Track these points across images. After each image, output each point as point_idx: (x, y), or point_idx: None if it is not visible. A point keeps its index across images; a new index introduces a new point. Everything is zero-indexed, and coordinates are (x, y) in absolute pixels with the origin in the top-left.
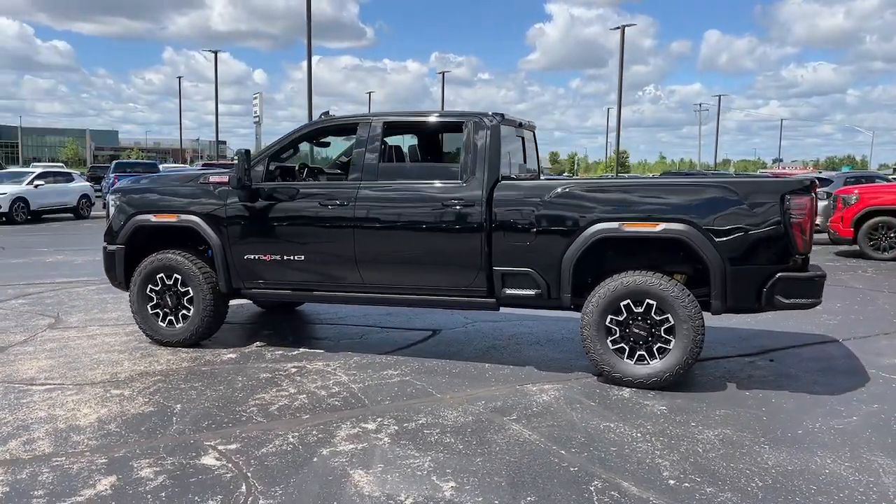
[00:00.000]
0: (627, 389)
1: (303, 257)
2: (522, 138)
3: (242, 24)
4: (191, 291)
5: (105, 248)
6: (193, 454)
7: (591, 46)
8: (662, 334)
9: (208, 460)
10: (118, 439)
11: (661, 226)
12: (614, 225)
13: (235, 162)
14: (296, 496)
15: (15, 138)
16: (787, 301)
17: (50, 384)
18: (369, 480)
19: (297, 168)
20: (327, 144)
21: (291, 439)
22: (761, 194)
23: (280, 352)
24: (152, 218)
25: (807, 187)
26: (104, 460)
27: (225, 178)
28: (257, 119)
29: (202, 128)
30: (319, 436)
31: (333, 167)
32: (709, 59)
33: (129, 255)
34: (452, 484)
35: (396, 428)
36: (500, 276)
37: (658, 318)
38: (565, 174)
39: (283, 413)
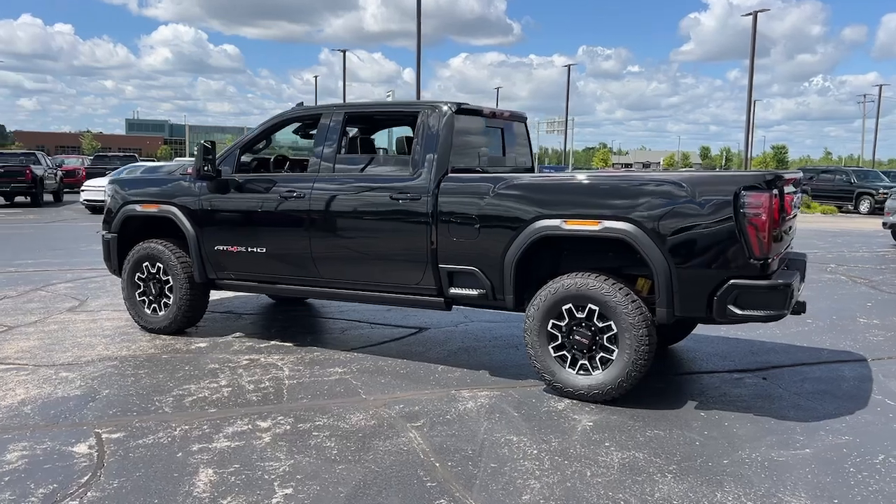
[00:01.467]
0: (566, 401)
1: (264, 249)
2: (501, 129)
3: (393, 24)
4: (171, 280)
5: (102, 236)
6: (73, 441)
7: (749, 36)
8: (605, 343)
9: (81, 448)
10: (19, 421)
11: (603, 224)
12: (556, 222)
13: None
14: (124, 491)
15: (184, 135)
16: (739, 312)
17: (13, 364)
18: (211, 481)
19: (272, 160)
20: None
21: (176, 432)
22: (712, 191)
23: (250, 343)
24: (138, 208)
25: (769, 182)
26: None
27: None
28: None
29: None
30: (206, 431)
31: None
32: (887, 45)
33: (122, 244)
34: (288, 492)
35: (288, 428)
36: (447, 273)
37: (601, 325)
38: (717, 169)
39: (194, 405)
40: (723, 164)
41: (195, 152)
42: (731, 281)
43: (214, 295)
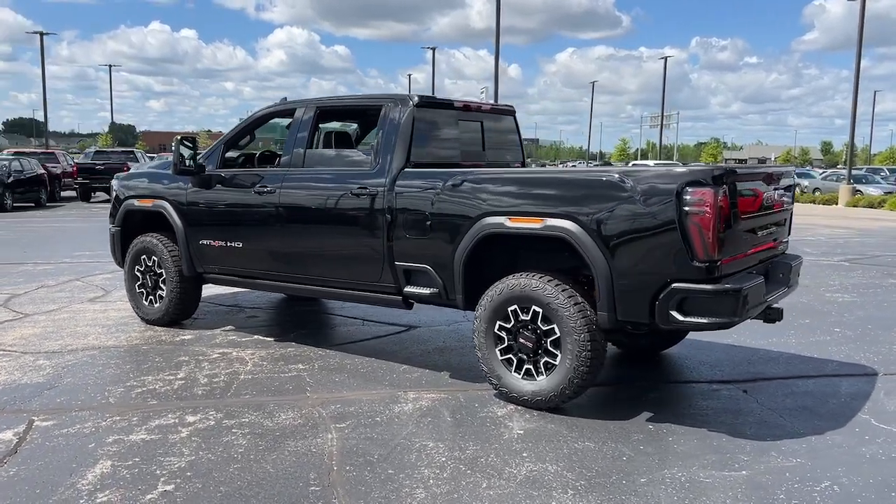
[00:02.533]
0: (510, 407)
1: (241, 244)
2: (481, 123)
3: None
4: (164, 273)
5: (109, 229)
6: (4, 427)
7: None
8: (549, 347)
9: (6, 435)
10: None
11: (546, 222)
12: (500, 220)
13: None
14: (17, 479)
15: None
16: (681, 318)
17: (3, 351)
18: (102, 474)
19: (257, 155)
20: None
21: (104, 423)
22: (654, 187)
23: (233, 337)
24: (136, 202)
25: (716, 178)
26: None
27: None
28: None
29: None
30: (132, 423)
31: None
32: None
33: (126, 237)
34: (168, 489)
35: (212, 423)
36: (403, 271)
37: (545, 328)
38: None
39: (139, 397)
40: (845, 160)
41: (172, 147)
42: (673, 284)
43: (227, 289)
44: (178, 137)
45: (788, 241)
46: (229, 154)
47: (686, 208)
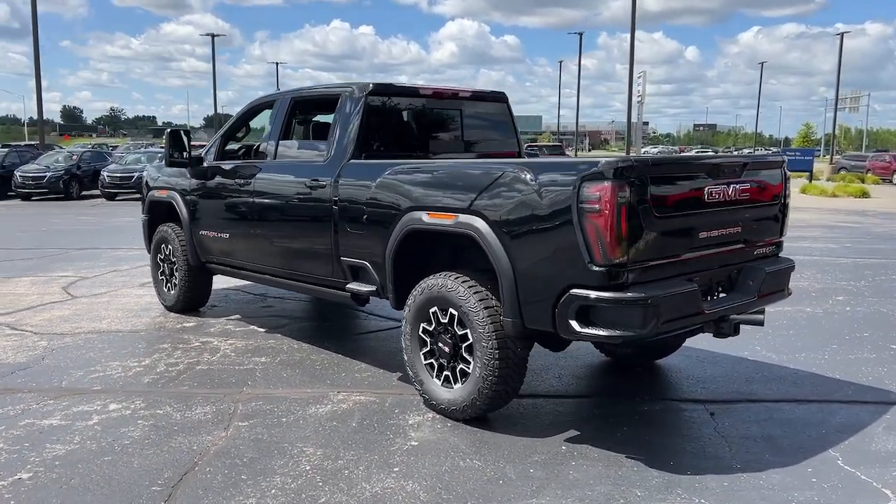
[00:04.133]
0: (430, 415)
1: (227, 235)
2: (460, 111)
3: (675, 2)
4: (176, 262)
5: (142, 219)
6: None
7: None
8: (464, 354)
9: None
10: None
11: (458, 218)
12: (420, 215)
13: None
14: None
15: None
16: (579, 329)
17: (22, 330)
18: None
19: (255, 147)
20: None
21: (33, 406)
22: (554, 180)
23: (230, 326)
24: (156, 193)
25: (619, 171)
26: None
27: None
28: (640, 98)
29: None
30: (58, 407)
31: None
32: None
33: (152, 226)
34: (24, 477)
35: (126, 413)
36: (347, 266)
37: (460, 332)
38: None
39: (93, 382)
40: None
41: (164, 140)
42: (571, 291)
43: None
44: (169, 130)
45: (781, 242)
46: (231, 146)
47: (582, 205)
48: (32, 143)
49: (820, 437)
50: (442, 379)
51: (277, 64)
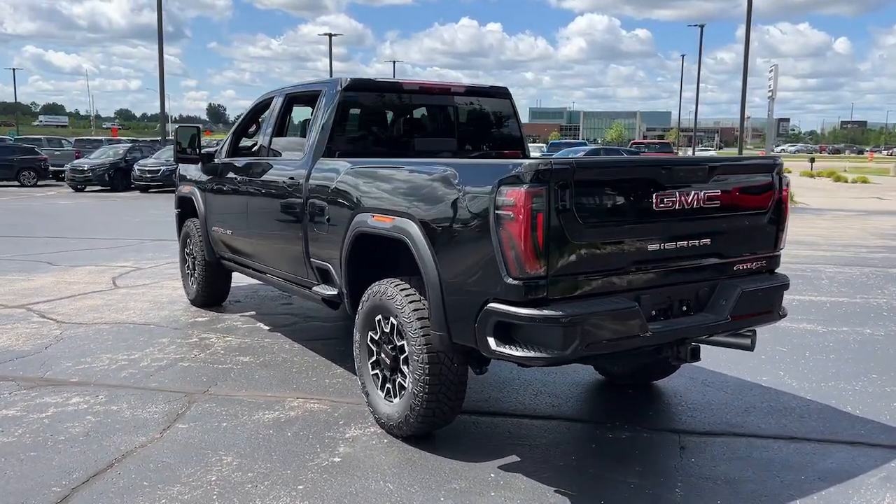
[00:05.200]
0: (373, 430)
1: (230, 231)
2: (454, 108)
3: None
4: (196, 257)
5: (175, 213)
6: None
7: None
8: (402, 366)
9: None
10: None
11: (395, 221)
12: (366, 217)
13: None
14: None
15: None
16: (495, 348)
17: (48, 318)
18: None
19: (255, 144)
20: None
21: (3, 395)
22: (477, 183)
23: (238, 323)
24: (183, 189)
25: (540, 175)
26: None
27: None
28: (771, 94)
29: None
30: (23, 398)
31: None
32: None
33: (182, 221)
34: None
35: (83, 407)
36: (315, 268)
37: (399, 343)
38: None
39: (74, 373)
40: None
41: (172, 136)
42: (489, 305)
43: None
44: (177, 126)
45: (775, 257)
46: (244, 143)
47: (498, 212)
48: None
49: (794, 485)
50: (385, 392)
51: (394, 63)
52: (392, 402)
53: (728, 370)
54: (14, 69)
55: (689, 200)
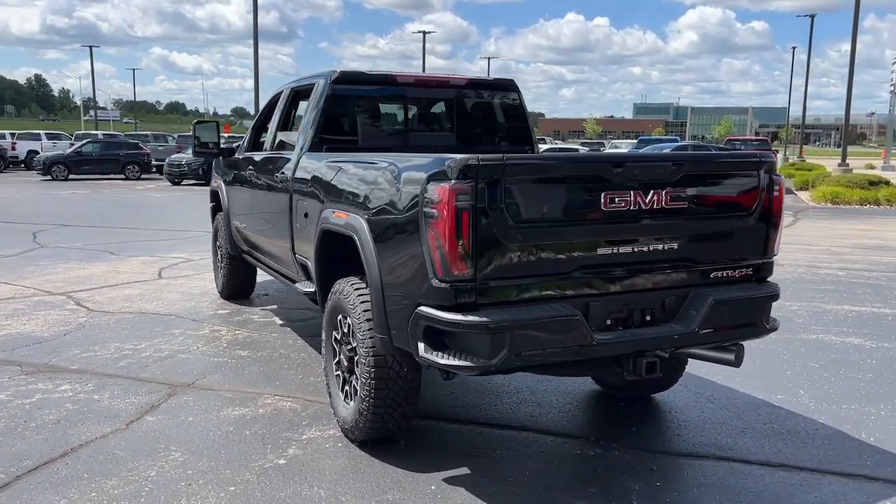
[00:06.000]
0: (332, 433)
1: (245, 225)
2: (452, 101)
3: None
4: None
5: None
6: None
7: None
8: (355, 368)
9: None
10: None
11: (348, 217)
12: (329, 213)
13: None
14: None
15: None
16: (423, 354)
17: (85, 306)
18: None
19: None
20: None
21: (1, 380)
22: (409, 178)
23: (257, 317)
24: (213, 183)
25: (466, 171)
26: None
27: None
28: (893, 88)
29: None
30: (19, 384)
31: None
32: None
33: (214, 214)
34: None
35: (67, 395)
36: (300, 263)
37: (353, 344)
38: None
39: (78, 361)
40: None
41: (192, 130)
42: (418, 308)
43: None
44: (196, 121)
45: (765, 264)
46: (263, 138)
47: (426, 209)
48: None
49: None
50: (344, 394)
51: (489, 59)
52: (349, 405)
53: (741, 385)
54: (133, 69)
55: (648, 201)
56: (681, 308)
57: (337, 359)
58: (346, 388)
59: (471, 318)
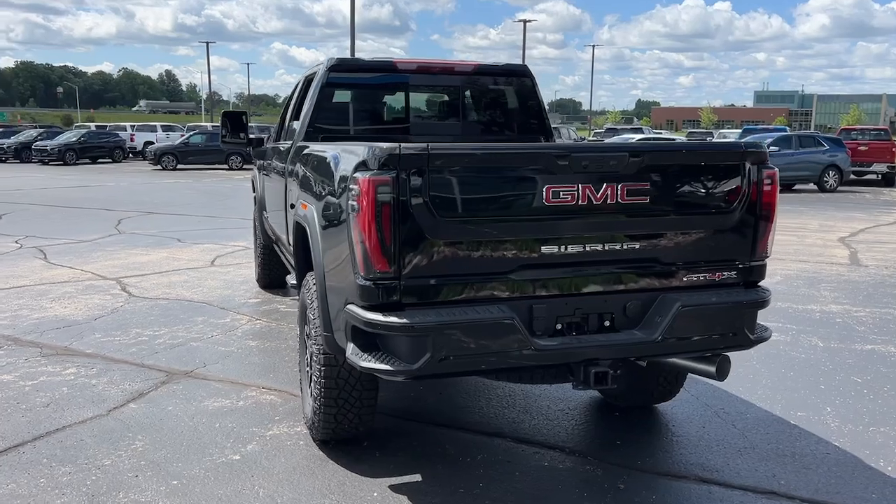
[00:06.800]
0: (299, 428)
1: (268, 214)
2: (457, 88)
3: None
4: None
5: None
6: None
7: None
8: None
9: None
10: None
11: (308, 209)
12: (298, 204)
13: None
14: None
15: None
16: (349, 355)
17: (128, 291)
18: None
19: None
20: None
21: (15, 360)
22: (343, 168)
23: (282, 307)
24: (253, 172)
25: (388, 161)
26: None
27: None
28: None
29: None
30: (30, 365)
31: None
32: None
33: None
34: None
35: (69, 378)
36: (291, 255)
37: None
38: None
39: (94, 345)
40: None
41: (220, 120)
42: (347, 307)
43: None
44: (223, 112)
45: (755, 267)
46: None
47: (351, 202)
48: None
49: None
50: (311, 391)
51: (594, 47)
52: (312, 403)
53: (760, 399)
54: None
55: (600, 196)
56: (647, 314)
57: (306, 355)
58: (311, 385)
59: (390, 318)
